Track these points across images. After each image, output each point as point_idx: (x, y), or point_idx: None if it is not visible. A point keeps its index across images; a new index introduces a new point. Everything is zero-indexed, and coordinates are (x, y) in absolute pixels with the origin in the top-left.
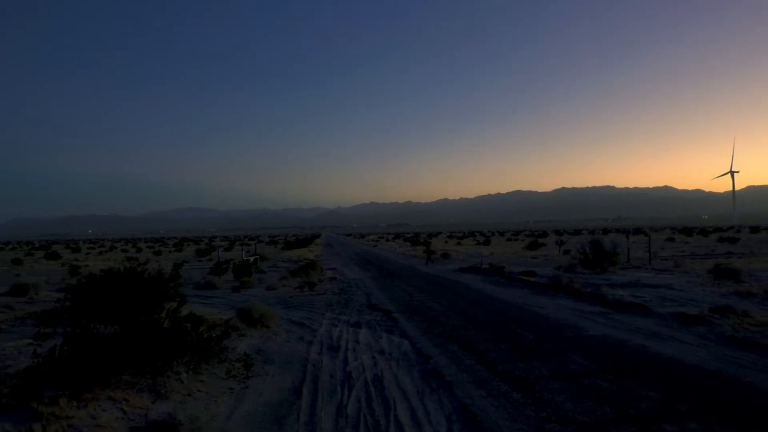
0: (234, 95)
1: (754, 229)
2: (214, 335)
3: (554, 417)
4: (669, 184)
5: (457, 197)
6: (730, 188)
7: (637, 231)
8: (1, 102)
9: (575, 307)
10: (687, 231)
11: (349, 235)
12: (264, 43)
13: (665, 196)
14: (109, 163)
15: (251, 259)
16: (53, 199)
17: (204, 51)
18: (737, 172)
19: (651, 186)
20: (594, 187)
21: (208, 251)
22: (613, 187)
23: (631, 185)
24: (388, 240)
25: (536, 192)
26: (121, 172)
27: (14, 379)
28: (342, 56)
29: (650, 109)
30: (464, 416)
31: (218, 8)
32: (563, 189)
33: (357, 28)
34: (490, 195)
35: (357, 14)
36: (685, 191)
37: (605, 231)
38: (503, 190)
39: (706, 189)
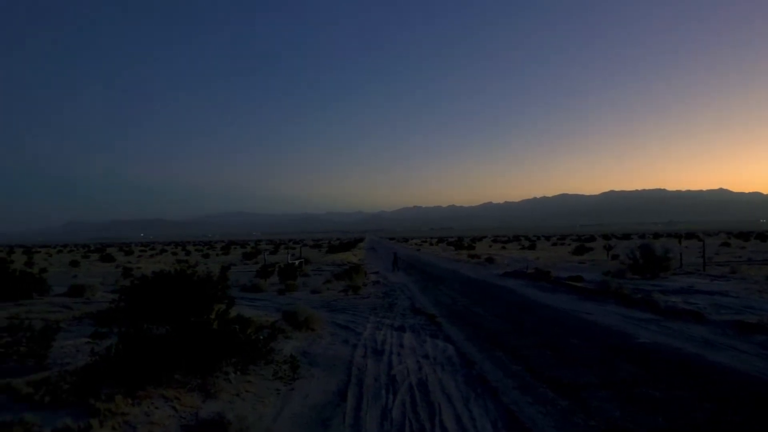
0: (278, 101)
1: None
2: (261, 337)
3: (603, 426)
4: (724, 187)
5: (502, 201)
6: None
7: (690, 235)
8: (57, 113)
9: (625, 313)
10: (743, 235)
11: (392, 239)
12: (308, 48)
13: (720, 199)
14: (158, 169)
15: (296, 262)
16: (106, 204)
17: (247, 56)
18: None
19: (705, 189)
20: (644, 190)
21: (254, 254)
22: (664, 190)
23: (683, 188)
24: (431, 244)
25: (583, 195)
26: (169, 177)
27: (73, 376)
28: (384, 60)
29: (704, 109)
30: (510, 422)
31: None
32: (611, 192)
33: (400, 30)
34: (535, 198)
35: (401, 15)
36: (742, 194)
37: (656, 235)
38: (549, 194)
39: (765, 191)
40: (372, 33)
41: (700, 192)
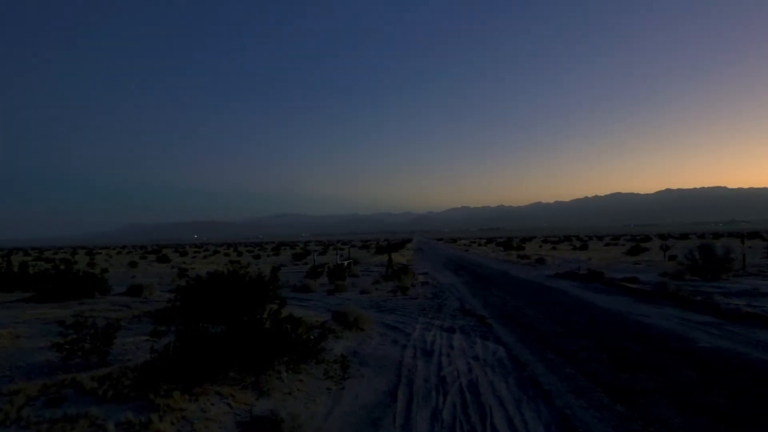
0: (325, 103)
1: None
2: (312, 337)
3: None
4: None
5: (552, 200)
6: None
7: (754, 235)
8: (113, 121)
9: (684, 316)
10: None
11: (440, 239)
12: (356, 49)
13: None
14: (210, 173)
15: (345, 263)
16: (161, 207)
17: (296, 59)
18: None
19: None
20: (703, 188)
21: (303, 255)
22: (725, 188)
23: (745, 185)
24: (479, 245)
25: (638, 194)
26: (221, 181)
27: (134, 372)
28: (433, 62)
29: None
30: (564, 427)
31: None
32: (668, 190)
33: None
34: (587, 198)
35: (449, 17)
36: None
37: (716, 235)
38: (601, 193)
39: None
40: (417, 35)
41: (765, 189)
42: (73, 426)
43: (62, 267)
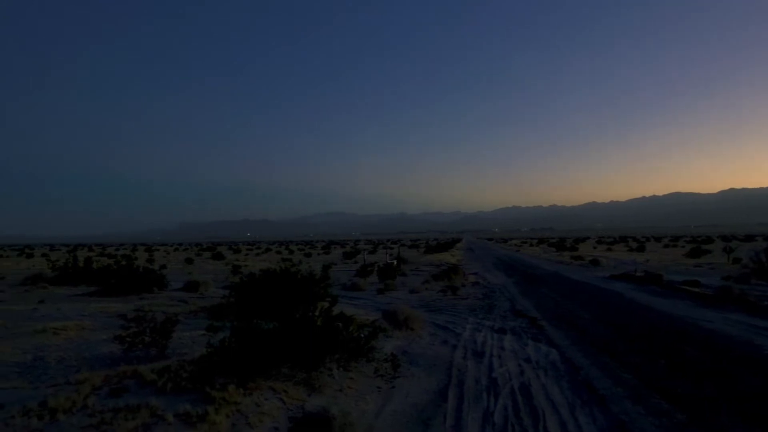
0: (377, 105)
1: None
2: (362, 335)
3: None
4: None
5: (607, 200)
6: None
7: None
8: (171, 125)
9: (749, 322)
10: None
11: (490, 239)
12: (409, 49)
13: None
14: (262, 172)
15: (394, 262)
16: (216, 206)
17: (348, 58)
18: None
19: None
20: None
21: (353, 254)
22: None
23: None
24: (531, 245)
25: (699, 194)
26: (273, 181)
27: (191, 366)
28: (488, 62)
29: None
30: None
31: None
32: (731, 190)
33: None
34: (644, 197)
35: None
36: None
37: None
38: (659, 192)
39: None
40: (467, 34)
41: None
42: (134, 415)
43: (123, 263)
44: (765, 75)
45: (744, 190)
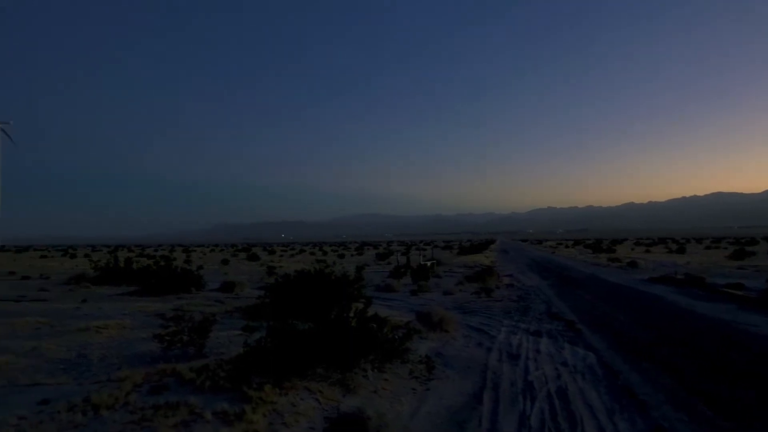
0: (409, 106)
1: None
2: (396, 336)
3: None
4: None
5: (645, 201)
6: None
7: None
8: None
9: None
10: None
11: (524, 241)
12: (437, 48)
13: None
14: (296, 174)
15: (428, 263)
16: (250, 207)
17: (380, 60)
18: None
19: None
20: None
21: (386, 255)
22: None
23: None
24: (566, 246)
25: (742, 194)
26: (306, 182)
27: (228, 365)
28: (520, 63)
29: None
30: None
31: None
32: None
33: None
34: (684, 198)
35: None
36: None
37: None
38: (700, 193)
39: None
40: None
41: None
42: (174, 413)
43: (162, 264)
44: None
45: None
